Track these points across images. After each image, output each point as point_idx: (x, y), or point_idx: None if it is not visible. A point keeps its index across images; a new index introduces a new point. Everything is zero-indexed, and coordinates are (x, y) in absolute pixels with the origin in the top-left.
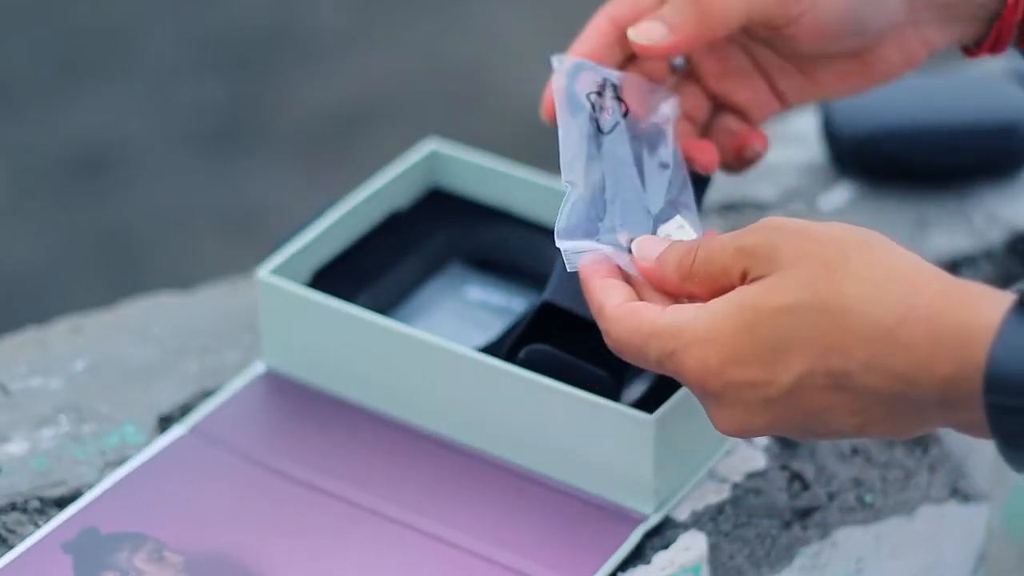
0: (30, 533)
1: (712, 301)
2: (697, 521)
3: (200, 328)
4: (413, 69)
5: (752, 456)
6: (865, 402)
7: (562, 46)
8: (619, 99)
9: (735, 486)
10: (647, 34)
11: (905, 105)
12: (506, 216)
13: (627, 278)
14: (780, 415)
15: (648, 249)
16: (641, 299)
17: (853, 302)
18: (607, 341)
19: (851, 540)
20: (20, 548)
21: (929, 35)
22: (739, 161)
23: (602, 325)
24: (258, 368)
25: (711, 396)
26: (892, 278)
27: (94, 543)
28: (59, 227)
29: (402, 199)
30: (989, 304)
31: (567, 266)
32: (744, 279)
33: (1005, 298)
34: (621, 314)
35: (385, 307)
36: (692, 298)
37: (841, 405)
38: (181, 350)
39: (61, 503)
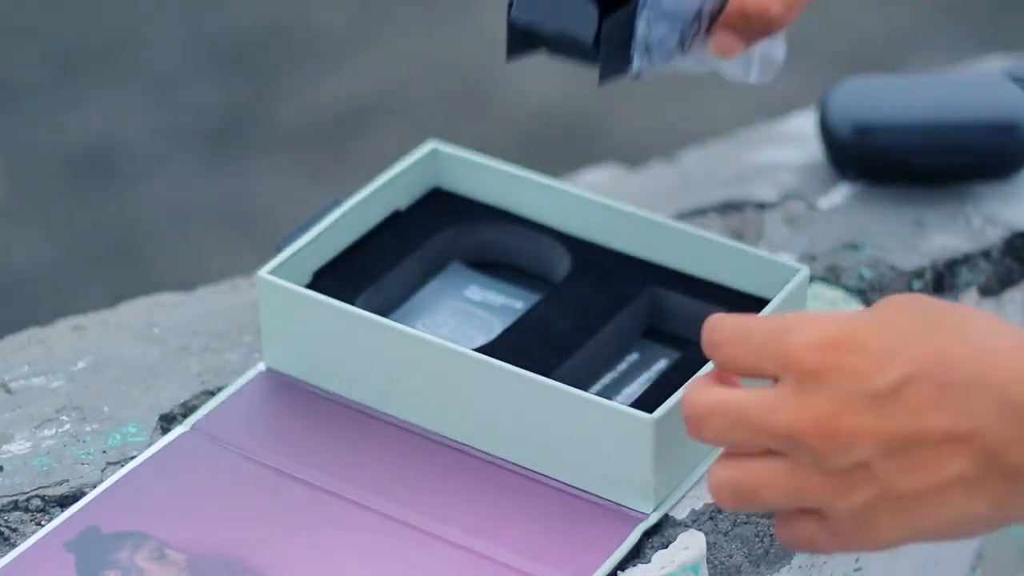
0: (32, 532)
1: None
2: (696, 520)
3: (201, 328)
4: (413, 69)
5: None
6: (967, 419)
7: None
8: None
9: None
10: None
11: (903, 104)
12: (506, 216)
13: None
14: (872, 420)
15: None
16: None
17: (972, 329)
18: (713, 340)
19: None
20: (22, 547)
21: None
22: (743, 18)
23: (706, 328)
24: (259, 368)
25: (808, 376)
26: (1013, 329)
27: (96, 542)
28: (61, 227)
29: (403, 199)
30: None
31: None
32: None
33: None
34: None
35: (385, 307)
36: None
37: (941, 422)
38: (182, 350)
39: (63, 502)
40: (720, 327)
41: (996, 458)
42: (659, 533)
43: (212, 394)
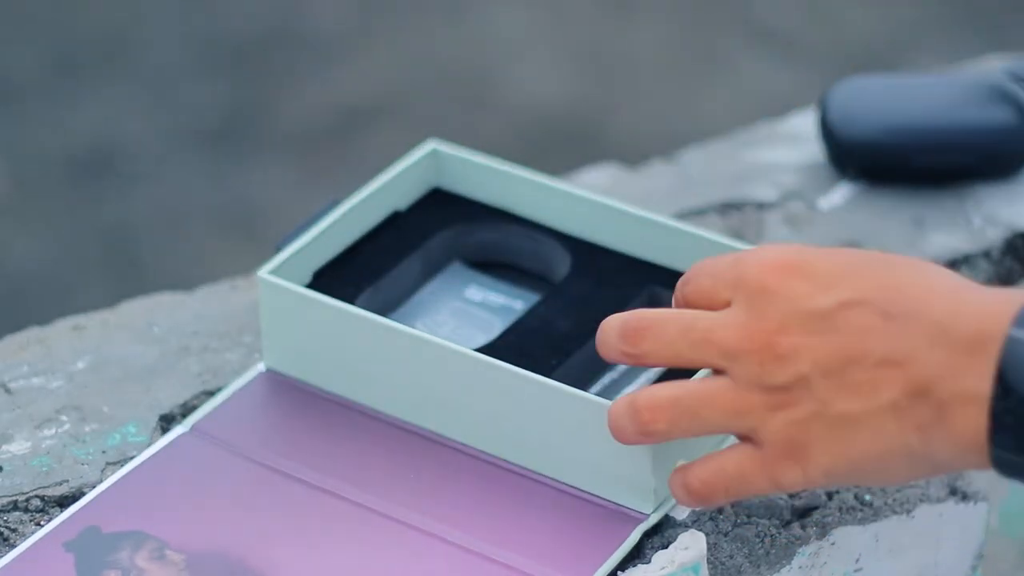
0: (32, 532)
1: None
2: (697, 520)
3: (201, 328)
4: (413, 69)
5: None
6: (903, 346)
7: (562, 46)
8: None
9: None
10: None
11: (903, 104)
12: (506, 216)
13: None
14: (812, 338)
15: None
16: None
17: (921, 269)
18: (687, 276)
19: (850, 539)
20: (22, 547)
21: None
22: None
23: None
24: (259, 368)
25: (757, 294)
26: (964, 279)
27: (96, 542)
28: (60, 227)
29: (403, 199)
30: None
31: None
32: None
33: None
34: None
35: (385, 307)
36: None
37: (878, 346)
38: (182, 350)
39: (63, 502)
40: (695, 265)
41: (927, 388)
42: (659, 533)
43: (212, 394)
